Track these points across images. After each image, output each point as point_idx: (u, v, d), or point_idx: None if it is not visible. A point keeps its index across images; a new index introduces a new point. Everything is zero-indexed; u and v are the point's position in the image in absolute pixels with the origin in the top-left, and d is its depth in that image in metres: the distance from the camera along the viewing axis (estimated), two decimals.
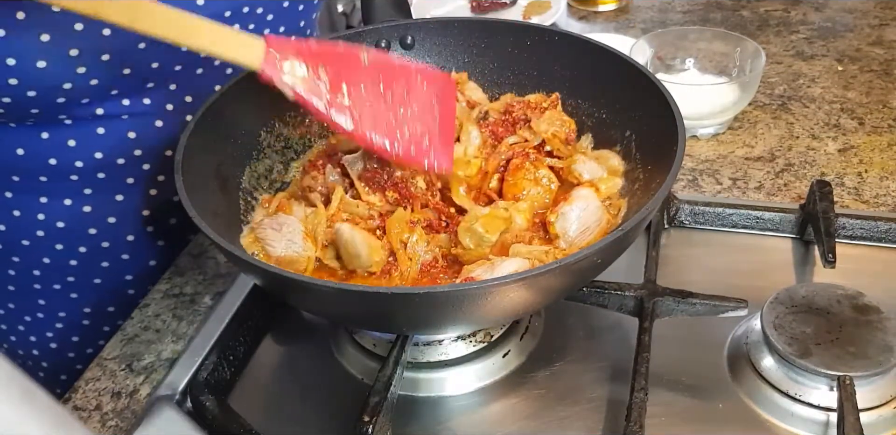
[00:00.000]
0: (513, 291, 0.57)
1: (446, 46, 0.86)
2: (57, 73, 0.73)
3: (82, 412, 0.74)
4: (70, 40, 0.72)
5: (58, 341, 1.01)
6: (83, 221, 0.90)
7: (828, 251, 0.76)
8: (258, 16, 0.85)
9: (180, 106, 0.86)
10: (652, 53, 1.09)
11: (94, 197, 0.89)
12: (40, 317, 0.98)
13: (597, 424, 0.68)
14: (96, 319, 0.99)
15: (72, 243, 0.92)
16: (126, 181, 0.89)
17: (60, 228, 0.90)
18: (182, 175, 0.65)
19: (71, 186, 0.87)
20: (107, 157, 0.85)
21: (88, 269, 0.94)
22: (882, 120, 1.05)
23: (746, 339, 0.72)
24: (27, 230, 0.90)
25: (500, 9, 1.38)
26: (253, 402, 0.73)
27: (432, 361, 0.73)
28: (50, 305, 0.97)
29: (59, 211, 0.89)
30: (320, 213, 0.71)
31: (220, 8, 0.81)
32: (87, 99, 0.78)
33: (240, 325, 0.77)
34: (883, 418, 0.66)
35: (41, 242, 0.91)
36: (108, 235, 0.92)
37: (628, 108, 0.77)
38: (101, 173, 0.86)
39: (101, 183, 0.87)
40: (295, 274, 0.63)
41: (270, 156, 0.81)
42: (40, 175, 0.85)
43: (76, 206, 0.89)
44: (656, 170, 0.71)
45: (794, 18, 1.31)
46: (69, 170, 0.85)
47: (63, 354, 1.02)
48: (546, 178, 0.75)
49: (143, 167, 0.88)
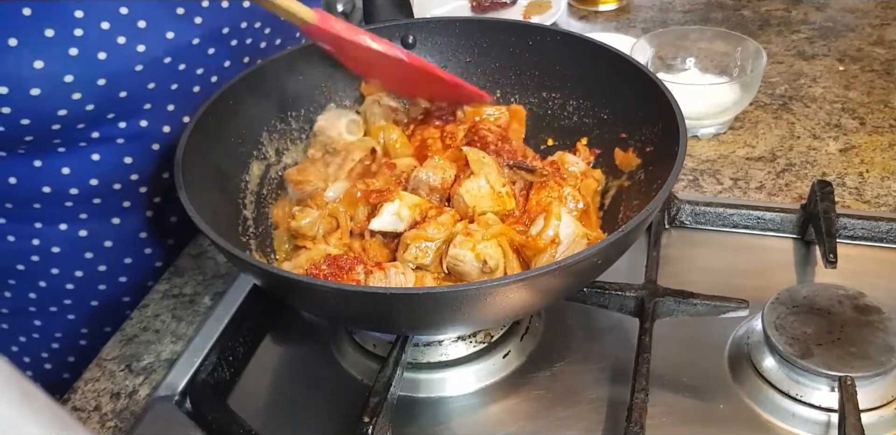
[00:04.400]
0: (513, 292, 0.57)
1: (447, 46, 0.86)
2: (51, 100, 0.72)
3: (82, 413, 0.74)
4: (64, 66, 0.71)
5: (53, 362, 0.99)
6: (79, 246, 0.89)
7: (829, 251, 0.76)
8: (256, 30, 0.85)
9: (178, 127, 0.84)
10: (652, 53, 1.08)
11: (89, 222, 0.87)
12: (35, 338, 0.97)
13: (597, 425, 0.68)
14: (93, 339, 0.97)
15: (68, 268, 0.90)
16: (122, 205, 0.87)
17: (56, 253, 0.89)
18: (182, 174, 0.65)
19: (66, 212, 0.86)
20: (102, 184, 0.84)
21: (85, 292, 0.93)
22: (883, 120, 1.05)
23: (747, 339, 0.72)
24: (22, 255, 0.89)
25: (500, 9, 1.38)
26: (253, 402, 0.73)
27: (432, 361, 0.72)
28: (46, 327, 0.96)
29: (54, 236, 0.87)
30: None
31: (218, 24, 0.80)
32: (83, 124, 0.77)
33: (240, 325, 0.77)
34: (884, 419, 0.66)
35: (37, 267, 0.90)
36: (105, 258, 0.91)
37: (629, 109, 0.77)
38: (96, 199, 0.85)
39: (96, 208, 0.86)
40: (295, 274, 0.63)
41: (272, 156, 0.81)
42: (34, 202, 0.84)
43: (71, 230, 0.87)
44: (657, 170, 0.71)
45: (795, 18, 1.31)
46: (64, 197, 0.84)
47: (58, 376, 1.00)
48: (571, 197, 0.74)
49: (140, 190, 0.87)
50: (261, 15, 0.84)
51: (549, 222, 0.70)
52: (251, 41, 0.85)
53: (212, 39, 0.81)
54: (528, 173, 0.76)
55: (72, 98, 0.73)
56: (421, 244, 0.69)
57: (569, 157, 0.79)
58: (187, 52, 0.79)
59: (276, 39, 0.89)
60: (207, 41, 0.80)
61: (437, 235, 0.70)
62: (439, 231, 0.70)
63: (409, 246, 0.70)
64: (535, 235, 0.70)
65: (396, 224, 0.72)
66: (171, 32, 0.76)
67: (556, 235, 0.69)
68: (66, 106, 0.73)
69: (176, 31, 0.77)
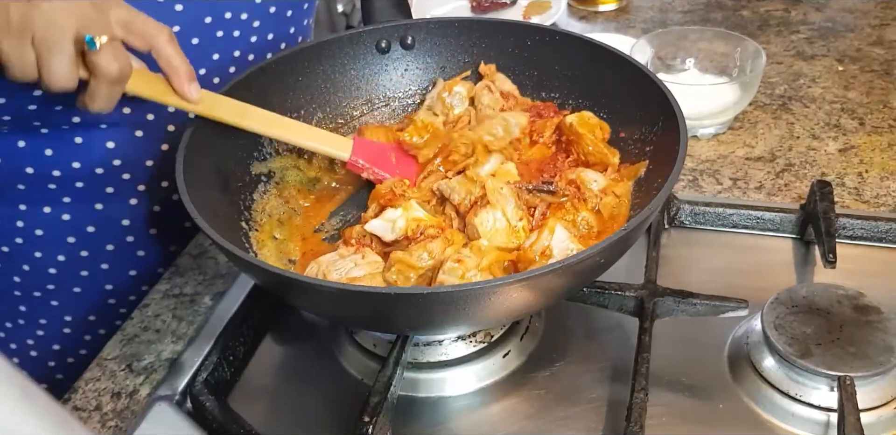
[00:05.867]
0: (515, 292, 0.57)
1: (446, 46, 0.86)
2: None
3: (82, 412, 0.74)
4: None
5: (38, 349, 0.99)
6: (61, 230, 0.89)
7: (828, 251, 0.76)
8: (243, 22, 0.84)
9: (162, 115, 0.84)
10: (652, 53, 1.08)
11: (72, 206, 0.88)
12: (21, 323, 0.97)
13: (597, 425, 0.68)
14: (77, 327, 0.98)
15: (50, 251, 0.91)
16: (105, 191, 0.88)
17: (38, 236, 0.89)
18: (183, 174, 0.65)
19: (49, 195, 0.86)
20: (85, 167, 0.84)
21: (67, 277, 0.93)
22: (882, 120, 1.05)
23: (747, 339, 0.72)
24: (6, 237, 0.89)
25: (500, 9, 1.38)
26: (253, 402, 0.73)
27: (432, 361, 0.72)
28: (30, 313, 0.96)
29: (37, 218, 0.88)
30: None
31: (200, 14, 0.80)
32: (61, 106, 0.77)
33: (240, 325, 0.77)
34: (883, 419, 0.66)
35: (20, 249, 0.90)
36: (87, 243, 0.91)
37: (629, 109, 0.77)
38: (79, 183, 0.86)
39: (79, 192, 0.86)
40: (295, 274, 0.63)
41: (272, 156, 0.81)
42: (18, 183, 0.85)
43: (54, 214, 0.88)
44: (657, 170, 0.71)
45: (794, 18, 1.31)
46: (47, 179, 0.84)
47: (43, 363, 1.00)
48: (585, 223, 0.72)
49: (123, 177, 0.87)
50: (247, 6, 0.83)
51: (541, 235, 0.68)
52: (239, 34, 0.84)
53: (194, 29, 0.80)
54: (549, 195, 0.75)
55: None
56: (404, 270, 0.69)
57: (588, 174, 0.75)
58: None
59: (267, 34, 0.88)
60: (189, 30, 0.80)
61: (422, 263, 0.68)
62: (424, 259, 0.68)
63: (392, 268, 0.69)
64: (527, 247, 0.68)
65: (386, 232, 0.71)
66: None
67: (548, 248, 0.67)
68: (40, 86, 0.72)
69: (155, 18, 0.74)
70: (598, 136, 0.78)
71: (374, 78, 0.87)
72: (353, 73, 0.86)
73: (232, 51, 0.86)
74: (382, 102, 0.88)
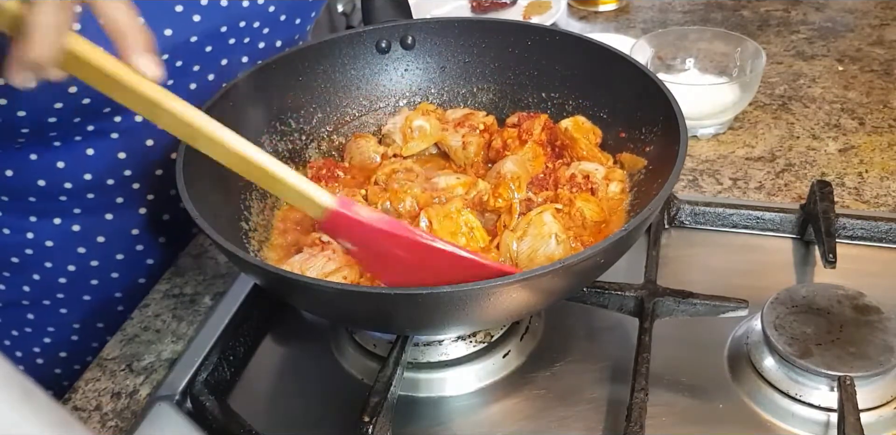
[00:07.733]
0: (515, 292, 0.57)
1: (446, 46, 0.86)
2: (47, 93, 0.71)
3: (82, 412, 0.74)
4: None
5: (45, 357, 0.99)
6: (72, 240, 0.89)
7: (828, 251, 0.76)
8: (254, 30, 0.85)
9: None
10: (652, 53, 1.08)
11: (83, 217, 0.88)
12: (28, 331, 0.97)
13: (597, 425, 0.68)
14: (84, 335, 0.98)
15: (61, 262, 0.91)
16: (116, 201, 0.88)
17: (49, 247, 0.89)
18: (183, 175, 0.65)
19: (60, 206, 0.86)
20: (96, 179, 0.84)
21: (77, 286, 0.93)
22: (882, 120, 1.05)
23: (747, 339, 0.72)
24: (16, 248, 0.89)
25: (500, 9, 1.38)
26: (253, 402, 0.73)
27: (432, 361, 0.73)
28: (38, 321, 0.96)
29: (48, 230, 0.88)
30: None
31: (217, 23, 0.80)
32: (79, 118, 0.77)
33: (240, 325, 0.77)
34: (883, 419, 0.66)
35: (30, 260, 0.90)
36: (98, 253, 0.91)
37: (629, 109, 0.77)
38: (90, 194, 0.86)
39: (90, 203, 0.87)
40: (295, 274, 0.63)
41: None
42: (29, 196, 0.85)
43: (65, 225, 0.88)
44: (657, 170, 0.72)
45: (794, 18, 1.31)
46: (58, 191, 0.84)
47: (49, 370, 1.00)
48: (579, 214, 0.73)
49: (133, 187, 0.87)
50: (259, 15, 0.84)
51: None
52: (249, 40, 0.85)
53: (210, 37, 0.81)
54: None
55: (68, 91, 0.73)
56: None
57: (588, 165, 0.76)
58: (185, 50, 0.79)
59: (275, 41, 0.89)
60: (205, 39, 0.80)
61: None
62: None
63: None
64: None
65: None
66: (170, 30, 0.76)
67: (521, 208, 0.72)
68: (62, 99, 0.73)
69: (174, 29, 0.76)
70: (592, 141, 0.80)
71: (374, 78, 0.87)
72: (353, 73, 0.86)
73: (240, 57, 0.86)
74: (382, 102, 0.88)
